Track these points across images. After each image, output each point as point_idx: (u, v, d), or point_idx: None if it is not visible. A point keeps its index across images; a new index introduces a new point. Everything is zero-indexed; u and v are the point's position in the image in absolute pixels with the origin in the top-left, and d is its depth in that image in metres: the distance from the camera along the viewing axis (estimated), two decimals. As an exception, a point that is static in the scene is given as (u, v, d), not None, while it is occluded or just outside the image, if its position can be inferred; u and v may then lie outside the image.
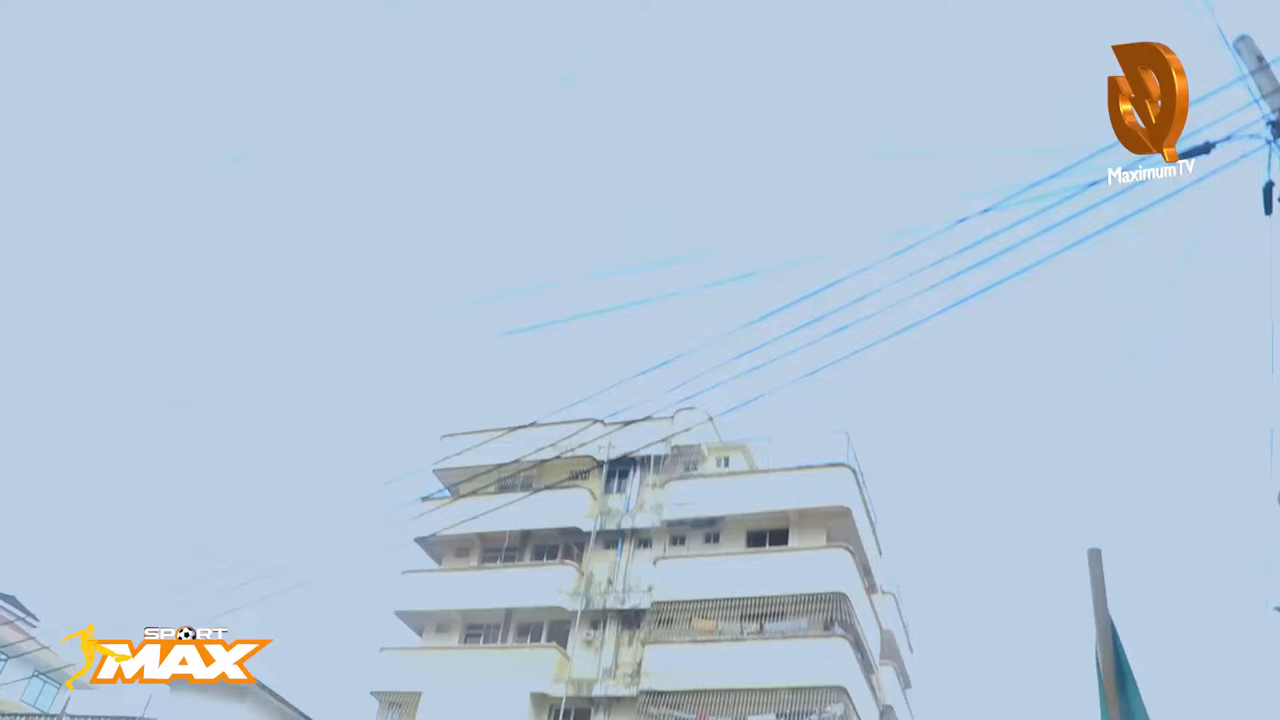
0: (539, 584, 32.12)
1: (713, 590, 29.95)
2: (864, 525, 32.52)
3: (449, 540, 34.50)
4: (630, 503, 33.27)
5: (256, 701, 32.63)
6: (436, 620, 33.56)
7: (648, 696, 28.81)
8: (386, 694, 32.41)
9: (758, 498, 31.55)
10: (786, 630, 29.17)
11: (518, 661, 30.77)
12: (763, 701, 28.00)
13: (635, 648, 30.37)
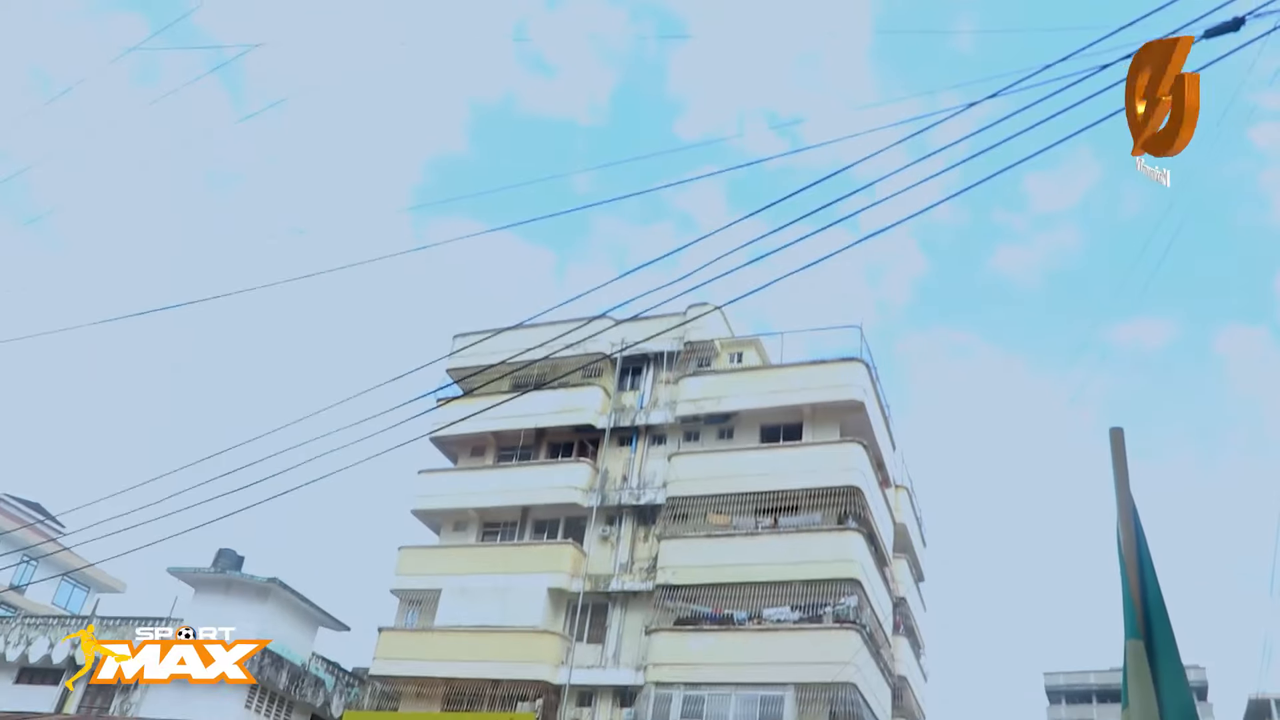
0: (554, 481, 32.35)
1: (727, 485, 30.13)
2: (877, 419, 32.55)
3: (464, 440, 34.71)
4: (644, 399, 33.33)
5: (279, 601, 33.19)
6: (454, 519, 33.90)
7: (663, 591, 29.18)
8: (406, 592, 32.91)
9: (771, 393, 31.54)
10: (800, 524, 29.39)
11: (535, 558, 31.15)
12: (777, 594, 28.35)
13: (651, 543, 30.69)
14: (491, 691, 28.86)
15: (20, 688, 33.18)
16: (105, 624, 34.30)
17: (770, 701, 26.94)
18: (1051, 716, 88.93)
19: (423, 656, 30.40)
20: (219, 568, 33.53)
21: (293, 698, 32.70)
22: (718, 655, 27.68)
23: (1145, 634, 4.56)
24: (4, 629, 35.26)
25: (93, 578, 51.48)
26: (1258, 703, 64.29)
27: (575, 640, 29.90)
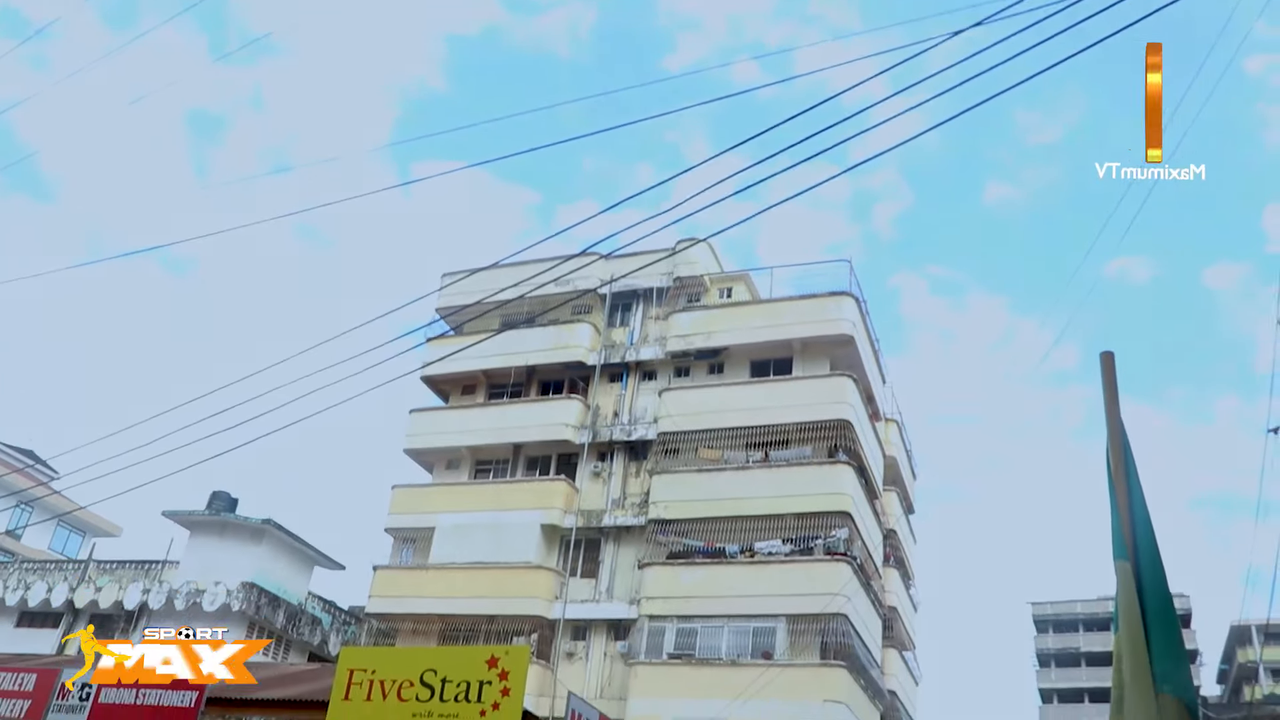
0: (546, 418, 32.43)
1: (718, 420, 30.23)
2: (867, 353, 32.61)
3: (455, 378, 34.72)
4: (634, 335, 33.32)
5: (274, 542, 33.37)
6: (446, 457, 34.00)
7: (656, 525, 29.39)
8: (400, 530, 33.08)
9: (761, 327, 31.54)
10: (791, 458, 29.55)
11: (527, 495, 31.32)
12: (769, 527, 28.57)
13: (642, 478, 30.84)
14: (487, 627, 29.17)
15: (21, 631, 33.45)
16: (102, 568, 34.54)
17: (762, 633, 27.27)
18: (1039, 645, 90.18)
19: (418, 594, 30.66)
20: (213, 510, 33.67)
21: (290, 636, 33.02)
22: (710, 588, 27.96)
23: (1133, 556, 4.60)
24: (2, 574, 35.48)
25: (88, 523, 51.66)
26: (1239, 629, 65.33)
27: (569, 575, 30.16)
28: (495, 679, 9.95)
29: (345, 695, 10.83)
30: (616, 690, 27.64)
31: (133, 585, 32.66)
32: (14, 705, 13.15)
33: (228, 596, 30.99)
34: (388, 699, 10.51)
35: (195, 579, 31.74)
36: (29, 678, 13.48)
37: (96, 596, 32.97)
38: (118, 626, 32.74)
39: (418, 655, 12.06)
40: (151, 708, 12.41)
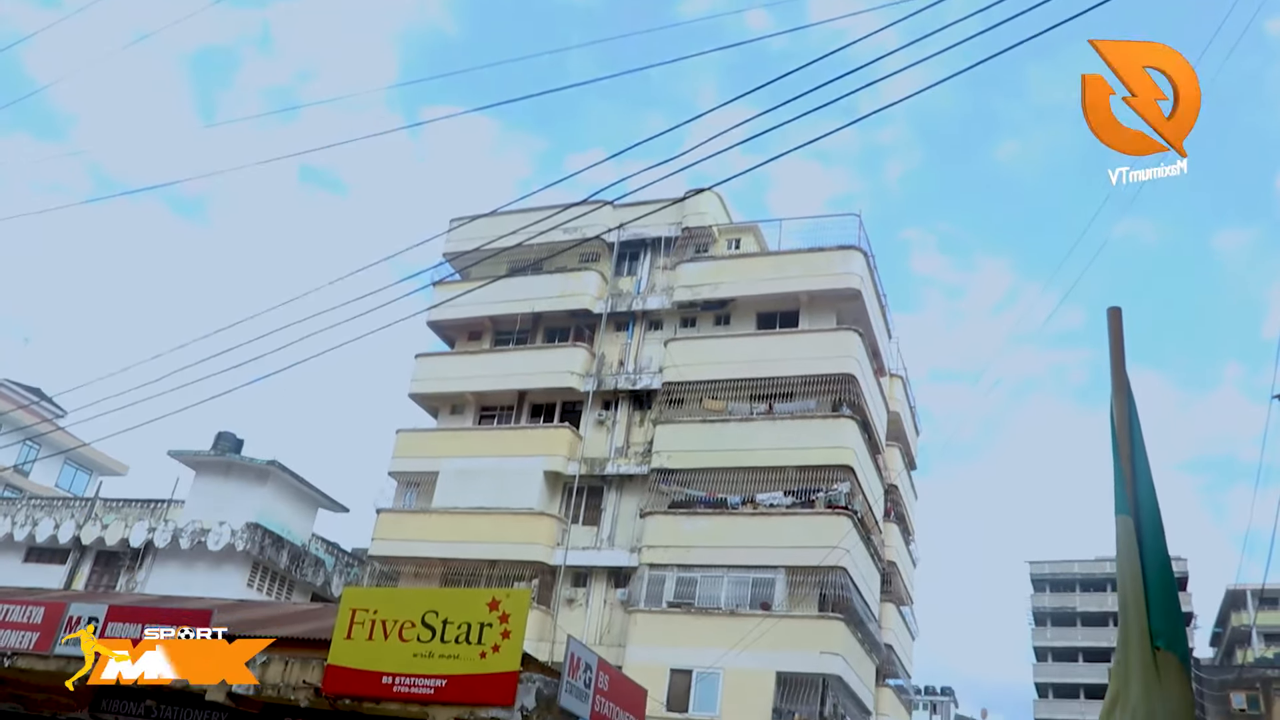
0: (551, 365, 32.46)
1: (723, 371, 30.25)
2: (874, 308, 32.55)
3: (461, 324, 34.71)
4: (641, 285, 33.26)
5: (279, 483, 33.53)
6: (451, 403, 34.07)
7: (658, 475, 29.50)
8: (404, 474, 33.23)
9: (769, 280, 31.47)
10: (795, 410, 29.61)
11: (531, 441, 31.41)
12: (771, 479, 28.68)
13: (646, 427, 30.92)
14: (488, 572, 29.38)
15: (29, 566, 33.73)
16: (108, 506, 34.78)
17: (761, 584, 27.47)
18: (1035, 604, 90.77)
19: (421, 537, 30.85)
20: (219, 451, 33.82)
21: (293, 577, 33.28)
22: (711, 538, 28.13)
23: (1134, 511, 4.61)
24: (10, 510, 35.76)
25: (95, 461, 51.95)
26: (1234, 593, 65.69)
27: (571, 522, 30.34)
28: (496, 621, 10.03)
29: (347, 634, 10.93)
30: (616, 637, 27.89)
31: (138, 524, 32.89)
32: (23, 637, 13.32)
33: (232, 537, 31.20)
34: (389, 639, 10.60)
35: (200, 519, 31.94)
36: (37, 611, 13.63)
37: (103, 534, 33.22)
38: (123, 564, 33.02)
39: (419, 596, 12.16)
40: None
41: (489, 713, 9.90)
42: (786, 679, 26.35)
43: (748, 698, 25.95)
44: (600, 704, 10.64)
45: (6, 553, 34.28)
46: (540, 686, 9.92)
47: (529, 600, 10.95)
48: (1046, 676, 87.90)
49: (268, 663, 11.70)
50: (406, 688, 10.36)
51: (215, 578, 30.14)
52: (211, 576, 30.22)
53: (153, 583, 31.11)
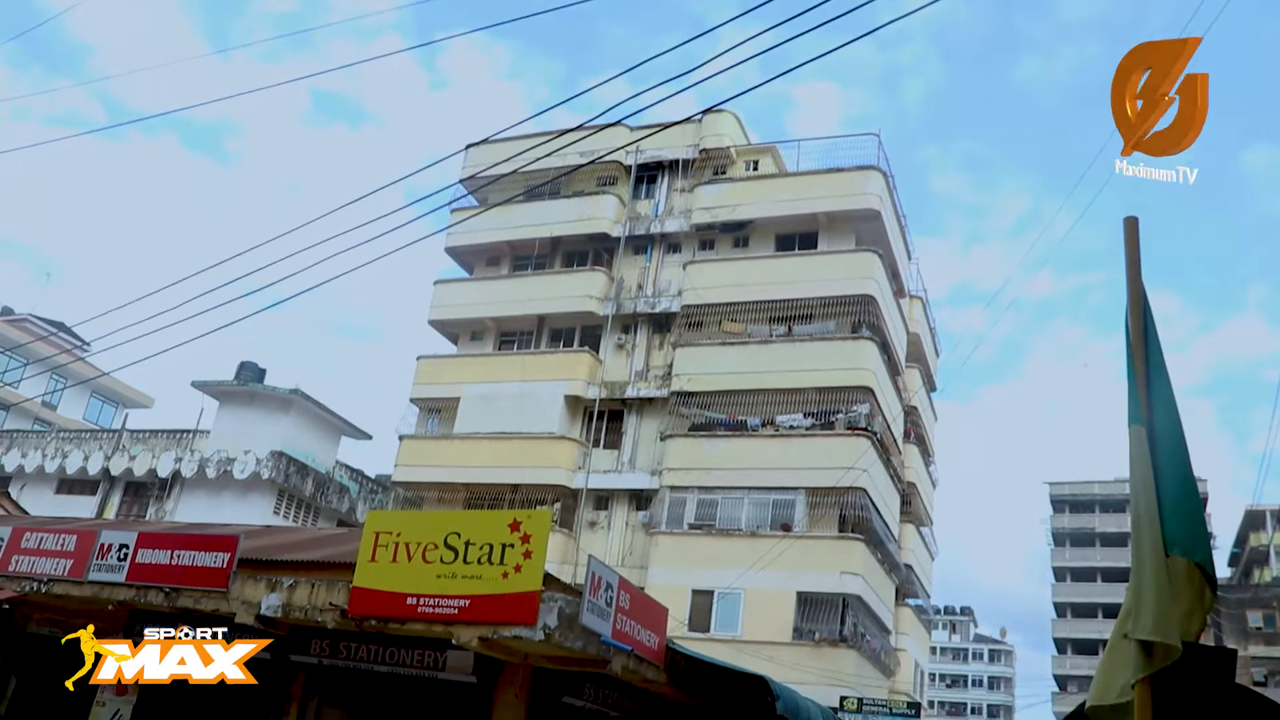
0: (570, 290, 32.46)
1: (742, 293, 30.20)
2: (893, 229, 32.32)
3: (479, 250, 34.69)
4: (659, 208, 33.07)
5: (301, 412, 33.78)
6: (471, 329, 34.17)
7: (678, 398, 29.59)
8: (426, 401, 33.47)
9: (787, 201, 31.25)
10: (814, 332, 29.56)
11: (551, 366, 31.51)
12: (790, 401, 28.73)
13: (666, 351, 30.96)
14: (511, 496, 29.67)
15: (61, 498, 34.28)
16: (135, 437, 35.19)
17: (781, 505, 27.65)
18: (1055, 525, 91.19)
19: (443, 463, 31.15)
20: (242, 380, 34.07)
21: (318, 504, 33.68)
22: (731, 460, 28.27)
23: (1149, 421, 4.60)
24: (40, 443, 36.26)
25: (120, 394, 52.47)
26: (1253, 513, 65.74)
27: (592, 446, 30.53)
28: (518, 542, 10.11)
29: (371, 557, 11.04)
30: (638, 559, 28.21)
31: (165, 454, 33.29)
32: (57, 564, 13.55)
33: (257, 465, 31.55)
34: (413, 560, 10.70)
35: (225, 448, 32.29)
36: (70, 539, 13.85)
37: (131, 465, 33.66)
38: (152, 494, 33.50)
39: (442, 519, 12.26)
40: (185, 567, 12.74)
41: (512, 632, 10.02)
42: (807, 599, 26.63)
43: (768, 618, 26.27)
44: (622, 622, 10.75)
45: (39, 485, 34.83)
46: (562, 606, 10.02)
47: (550, 521, 11.05)
48: (1065, 596, 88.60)
49: (294, 586, 11.87)
50: (430, 608, 10.49)
51: (242, 506, 30.55)
52: (238, 505, 30.64)
53: (181, 511, 31.59)
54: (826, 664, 25.70)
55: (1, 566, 13.99)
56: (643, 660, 11.38)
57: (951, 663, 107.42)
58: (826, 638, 26.14)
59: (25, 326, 46.84)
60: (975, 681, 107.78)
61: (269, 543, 14.78)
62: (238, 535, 13.07)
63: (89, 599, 13.34)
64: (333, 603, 11.40)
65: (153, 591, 12.78)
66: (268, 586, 12.08)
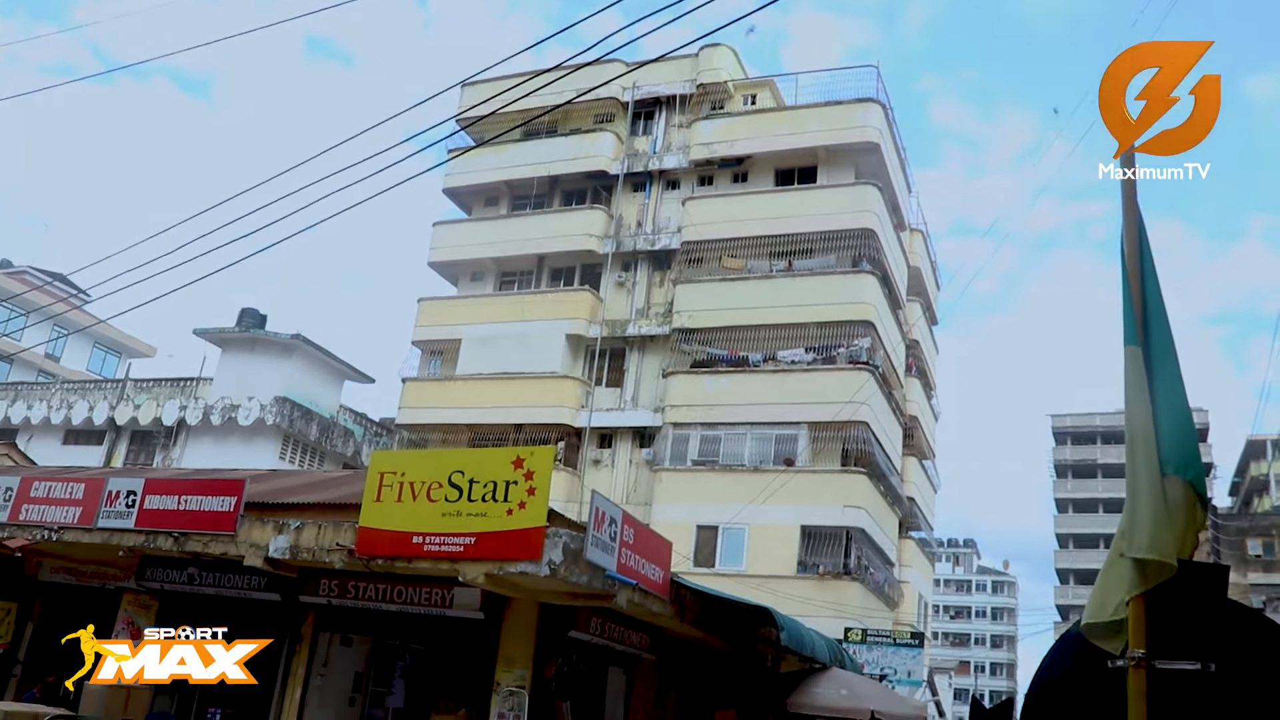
0: (569, 228, 32.33)
1: (741, 229, 30.09)
2: (893, 162, 32.11)
3: (478, 190, 34.54)
4: (657, 144, 32.84)
5: (304, 357, 33.82)
6: (471, 270, 34.10)
7: (680, 334, 29.61)
8: (427, 343, 33.49)
9: (785, 135, 31.02)
10: (815, 267, 29.49)
11: (552, 305, 31.48)
12: (792, 336, 28.75)
13: (666, 288, 30.91)
14: (514, 436, 29.80)
15: (68, 448, 34.47)
16: (139, 386, 35.29)
17: (784, 440, 27.77)
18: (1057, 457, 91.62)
19: (447, 404, 31.24)
20: (243, 327, 34.08)
21: (324, 448, 33.85)
22: (733, 396, 28.36)
23: (1144, 341, 4.62)
24: (45, 394, 36.37)
25: (123, 344, 52.56)
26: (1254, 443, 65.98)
27: (594, 384, 30.59)
28: (521, 479, 10.20)
29: (377, 497, 11.14)
30: (642, 496, 28.39)
31: (170, 403, 33.39)
32: (67, 512, 13.70)
33: (261, 411, 31.66)
34: (417, 500, 10.80)
35: (229, 395, 32.38)
36: (78, 487, 13.99)
37: (136, 414, 33.78)
38: (158, 442, 33.66)
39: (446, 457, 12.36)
40: (193, 512, 12.87)
41: (517, 567, 10.14)
42: (811, 532, 26.84)
43: (773, 551, 26.50)
44: (626, 556, 10.87)
45: (46, 436, 35.01)
46: (567, 541, 10.13)
47: (553, 457, 11.12)
48: (1067, 528, 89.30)
49: (301, 527, 11.99)
50: (436, 546, 10.60)
51: (248, 452, 30.69)
52: (244, 451, 30.78)
53: (187, 459, 31.76)
54: (831, 596, 25.96)
55: (12, 516, 14.16)
56: (648, 594, 11.52)
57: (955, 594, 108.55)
58: (831, 571, 26.39)
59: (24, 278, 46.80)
60: (979, 613, 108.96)
61: (275, 486, 14.90)
62: (244, 479, 13.18)
63: (99, 546, 13.50)
64: (340, 543, 11.52)
65: (162, 536, 12.92)
66: (275, 529, 12.21)
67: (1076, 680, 4.84)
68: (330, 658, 13.29)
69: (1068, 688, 4.92)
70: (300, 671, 12.87)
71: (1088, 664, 4.66)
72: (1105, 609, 4.52)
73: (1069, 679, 4.92)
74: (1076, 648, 4.81)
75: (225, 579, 13.50)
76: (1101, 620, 4.53)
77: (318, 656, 13.05)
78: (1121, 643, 4.42)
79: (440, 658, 13.74)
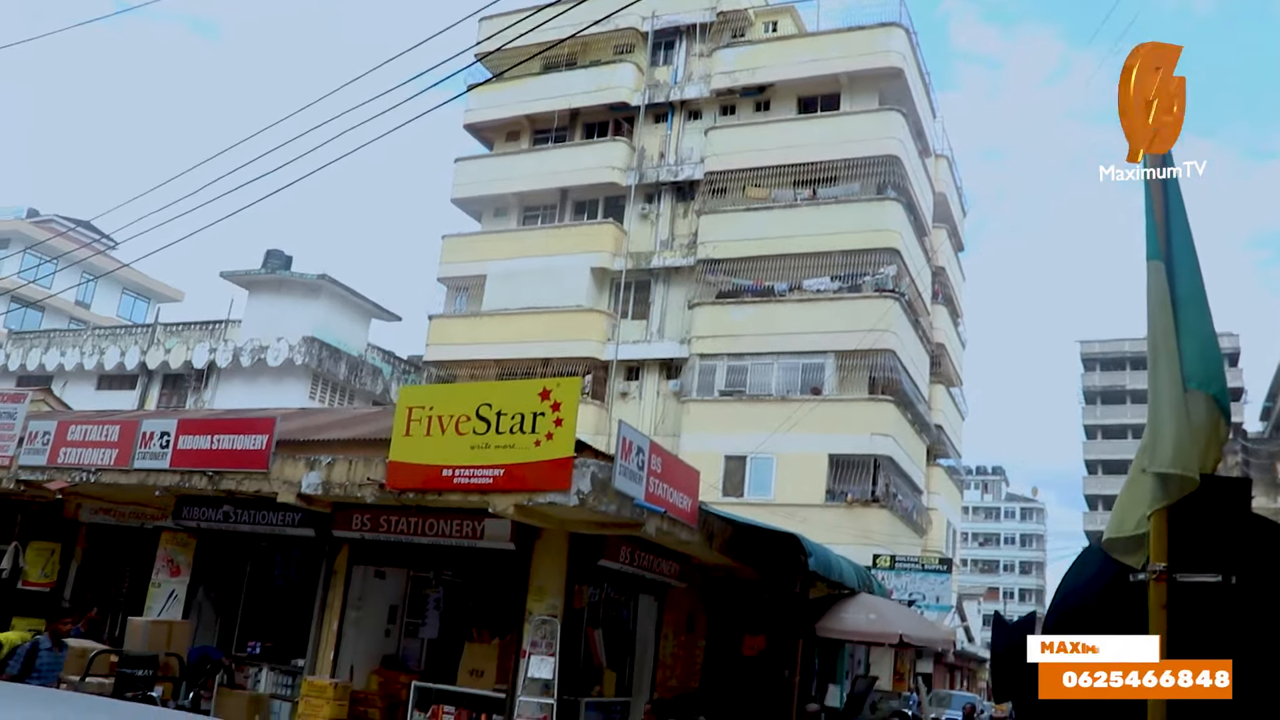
0: (591, 161, 32.18)
1: (765, 158, 29.87)
2: (917, 87, 31.71)
3: (498, 125, 34.41)
4: (677, 74, 32.50)
5: (330, 296, 33.97)
6: (494, 205, 34.04)
7: (705, 265, 29.55)
8: (452, 280, 33.56)
9: (808, 62, 30.64)
10: (839, 195, 29.29)
11: (576, 239, 31.44)
12: (817, 265, 28.65)
13: (690, 219, 30.79)
14: (542, 370, 29.92)
15: (101, 393, 34.91)
16: (169, 330, 35.62)
17: (811, 369, 27.79)
18: (1086, 383, 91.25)
19: (474, 340, 31.37)
20: (269, 268, 34.22)
21: (353, 387, 34.10)
22: (759, 326, 28.35)
23: (1166, 255, 4.58)
24: (77, 341, 36.79)
25: (151, 289, 53.01)
26: (1288, 366, 65.32)
27: (620, 317, 30.63)
28: (548, 410, 10.25)
29: (406, 431, 11.24)
30: (670, 427, 28.52)
31: (199, 345, 33.69)
32: (104, 454, 13.91)
33: (290, 351, 31.89)
34: (446, 433, 10.88)
35: (258, 336, 32.61)
36: (113, 429, 14.19)
37: (166, 358, 34.12)
38: (189, 385, 34.01)
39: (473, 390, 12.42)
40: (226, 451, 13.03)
41: (546, 498, 10.24)
42: (838, 461, 26.95)
43: (801, 480, 26.64)
44: (654, 485, 10.93)
45: (79, 382, 35.46)
46: (595, 471, 10.20)
47: (579, 387, 11.17)
48: (1096, 454, 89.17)
49: (333, 463, 12.12)
50: (466, 479, 10.70)
51: (278, 392, 30.99)
52: (274, 392, 31.08)
53: (218, 401, 32.09)
54: (859, 524, 26.13)
55: (51, 459, 14.40)
56: (676, 522, 11.62)
57: (984, 521, 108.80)
58: (858, 498, 26.52)
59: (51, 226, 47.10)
60: (1008, 539, 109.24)
61: (306, 424, 15.06)
62: (274, 417, 13.31)
63: (136, 486, 13.71)
64: (371, 478, 11.65)
65: (196, 476, 13.10)
66: (307, 465, 12.35)
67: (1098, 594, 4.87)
68: (365, 591, 13.50)
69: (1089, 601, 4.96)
70: (336, 605, 13.08)
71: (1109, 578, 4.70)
72: (1126, 524, 4.55)
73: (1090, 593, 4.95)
74: (1098, 562, 4.84)
75: (260, 516, 13.70)
76: (1123, 535, 4.55)
77: (353, 590, 13.25)
78: (1143, 557, 4.44)
79: (473, 589, 13.95)
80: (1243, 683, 4.28)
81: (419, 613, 14.60)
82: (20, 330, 41.59)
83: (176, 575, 14.52)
